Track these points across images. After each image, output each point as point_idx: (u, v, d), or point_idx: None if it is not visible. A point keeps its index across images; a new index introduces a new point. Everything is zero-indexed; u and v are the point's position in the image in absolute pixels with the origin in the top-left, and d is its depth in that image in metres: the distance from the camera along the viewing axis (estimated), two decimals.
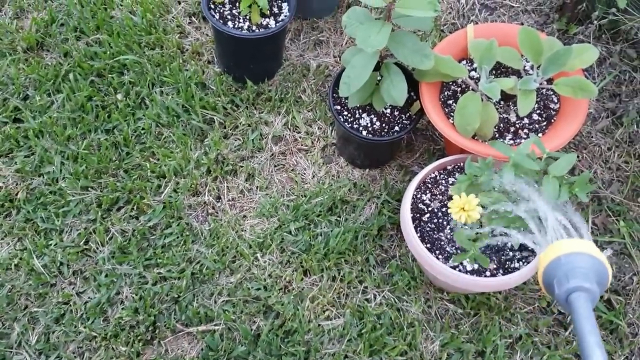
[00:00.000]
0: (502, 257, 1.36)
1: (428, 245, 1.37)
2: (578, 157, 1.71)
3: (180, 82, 1.76)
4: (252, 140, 1.72)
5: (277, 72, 1.83)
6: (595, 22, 1.70)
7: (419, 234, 1.38)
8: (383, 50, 1.44)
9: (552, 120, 1.50)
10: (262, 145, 1.72)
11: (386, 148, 1.64)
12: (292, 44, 1.89)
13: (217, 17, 1.66)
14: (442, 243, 1.38)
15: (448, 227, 1.40)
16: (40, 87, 1.76)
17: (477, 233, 1.28)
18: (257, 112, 1.76)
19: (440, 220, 1.41)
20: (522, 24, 1.91)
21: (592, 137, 1.74)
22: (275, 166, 1.70)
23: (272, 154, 1.71)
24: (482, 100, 1.40)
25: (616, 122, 1.75)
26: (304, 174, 1.69)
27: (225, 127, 1.74)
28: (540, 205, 1.01)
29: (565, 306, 0.81)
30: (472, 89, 1.46)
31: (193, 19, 1.92)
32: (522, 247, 1.37)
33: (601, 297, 1.53)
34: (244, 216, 1.62)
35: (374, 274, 1.54)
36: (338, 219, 1.61)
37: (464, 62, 1.58)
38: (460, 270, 1.34)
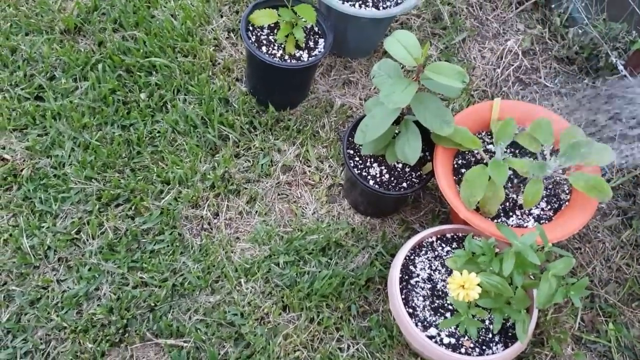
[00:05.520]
0: (481, 337, 1.34)
1: (410, 310, 1.36)
2: (580, 250, 1.68)
3: (204, 93, 1.78)
4: (262, 164, 1.72)
5: (301, 103, 1.84)
6: (622, 119, 1.69)
7: (403, 296, 1.37)
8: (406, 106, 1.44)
9: (560, 210, 1.48)
10: (270, 172, 1.72)
11: (391, 201, 1.63)
12: (322, 78, 1.90)
13: (253, 40, 1.67)
14: (425, 310, 1.37)
15: (433, 296, 1.39)
16: (68, 70, 1.78)
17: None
18: (273, 138, 1.77)
19: (428, 287, 1.40)
20: (552, 105, 1.90)
21: (598, 232, 1.71)
22: (278, 194, 1.70)
23: (278, 182, 1.71)
24: (490, 176, 1.39)
25: (626, 222, 1.73)
26: (306, 208, 1.68)
27: (238, 147, 1.74)
28: None
29: None
30: (486, 163, 1.45)
31: (231, 34, 1.94)
32: (503, 332, 1.35)
33: None
34: (237, 238, 1.62)
35: (352, 324, 1.53)
36: (329, 261, 1.60)
37: (485, 133, 1.58)
38: (436, 342, 1.32)
